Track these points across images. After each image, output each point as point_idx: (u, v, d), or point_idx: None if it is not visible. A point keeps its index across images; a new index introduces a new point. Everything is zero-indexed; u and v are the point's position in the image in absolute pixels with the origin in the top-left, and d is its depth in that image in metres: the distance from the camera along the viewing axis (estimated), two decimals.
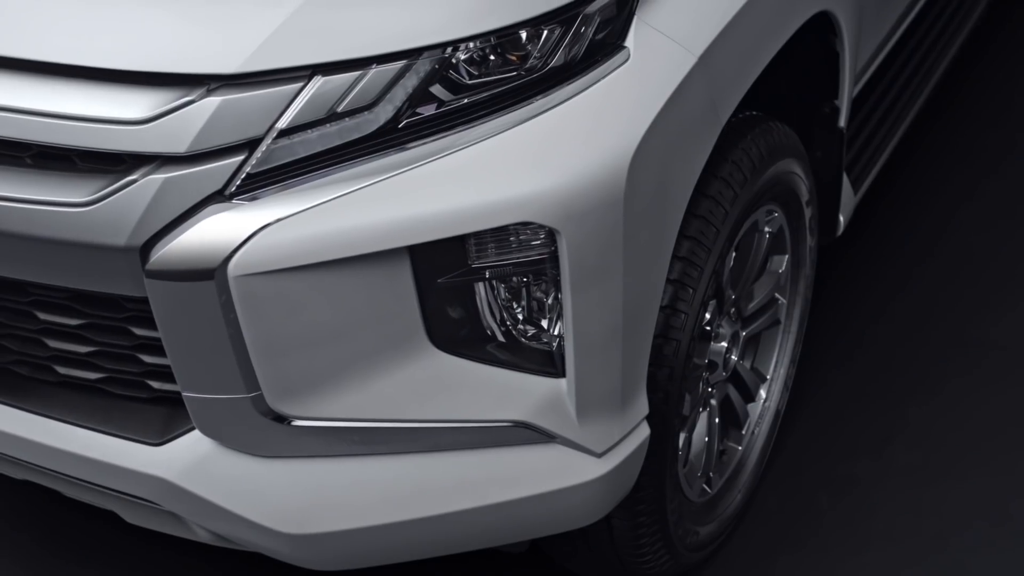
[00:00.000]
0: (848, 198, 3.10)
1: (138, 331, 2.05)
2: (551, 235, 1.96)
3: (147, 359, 2.08)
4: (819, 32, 2.67)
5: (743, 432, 2.83)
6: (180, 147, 1.88)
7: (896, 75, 3.50)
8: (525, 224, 1.94)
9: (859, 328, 3.38)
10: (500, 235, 1.96)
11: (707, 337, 2.54)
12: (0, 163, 1.99)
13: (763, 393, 2.87)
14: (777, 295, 2.82)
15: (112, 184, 1.90)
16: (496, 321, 2.06)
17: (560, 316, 2.05)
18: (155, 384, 2.11)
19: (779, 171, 2.55)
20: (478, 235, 1.95)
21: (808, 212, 2.77)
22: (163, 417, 2.11)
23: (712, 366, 2.63)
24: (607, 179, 1.96)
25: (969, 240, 3.68)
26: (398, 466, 2.09)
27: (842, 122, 2.87)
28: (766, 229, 2.65)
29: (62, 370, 2.17)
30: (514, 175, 1.93)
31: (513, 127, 1.95)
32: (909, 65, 3.56)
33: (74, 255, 1.96)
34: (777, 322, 2.87)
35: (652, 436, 2.27)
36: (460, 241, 1.95)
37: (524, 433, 2.09)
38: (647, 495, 2.39)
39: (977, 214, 3.78)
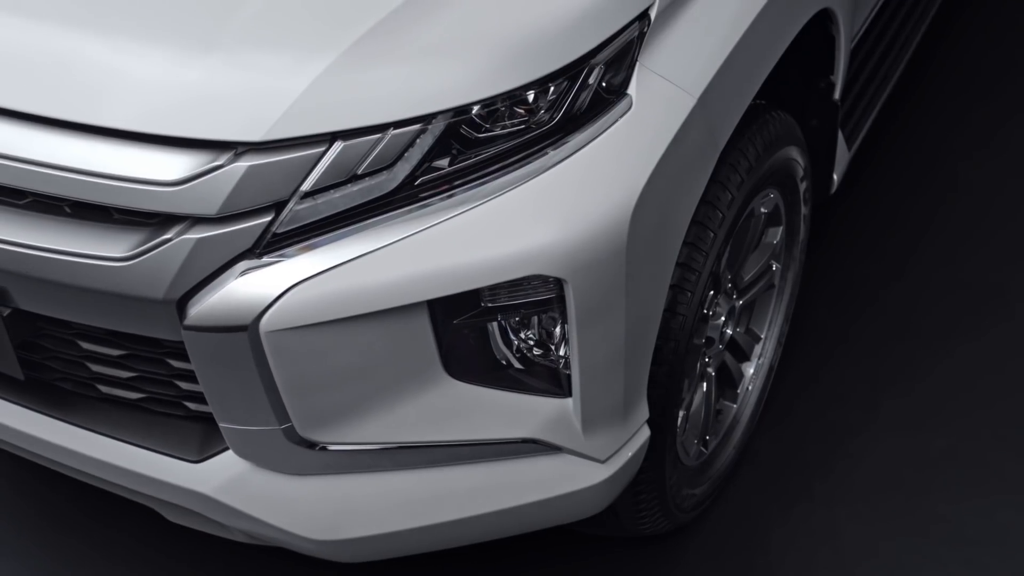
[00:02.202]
0: (842, 153, 3.21)
1: (175, 363, 2.21)
2: (559, 282, 2.10)
3: (184, 385, 2.24)
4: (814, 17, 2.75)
5: (738, 391, 3.00)
6: (211, 209, 2.00)
7: (888, 23, 3.57)
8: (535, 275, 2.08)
9: (853, 272, 3.52)
10: (511, 282, 2.10)
11: (705, 319, 2.69)
12: (42, 211, 2.12)
13: (757, 352, 3.03)
14: (772, 262, 2.95)
15: (148, 241, 2.03)
16: (506, 350, 2.21)
17: (566, 342, 2.20)
18: (191, 405, 2.27)
19: (776, 161, 2.65)
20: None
21: (803, 186, 2.88)
22: (200, 434, 2.28)
23: (709, 342, 2.78)
24: (611, 230, 2.08)
25: (967, 178, 3.79)
26: (417, 478, 2.27)
27: (837, 95, 2.97)
28: (762, 210, 2.77)
29: (104, 389, 2.34)
30: (524, 231, 2.05)
31: (522, 182, 2.07)
32: (900, 12, 3.62)
33: (113, 302, 2.10)
34: (772, 286, 3.01)
35: (652, 431, 2.44)
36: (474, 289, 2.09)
37: (533, 447, 2.26)
38: (648, 476, 2.57)
39: (975, 154, 3.88)
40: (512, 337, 2.21)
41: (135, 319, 2.13)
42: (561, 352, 2.22)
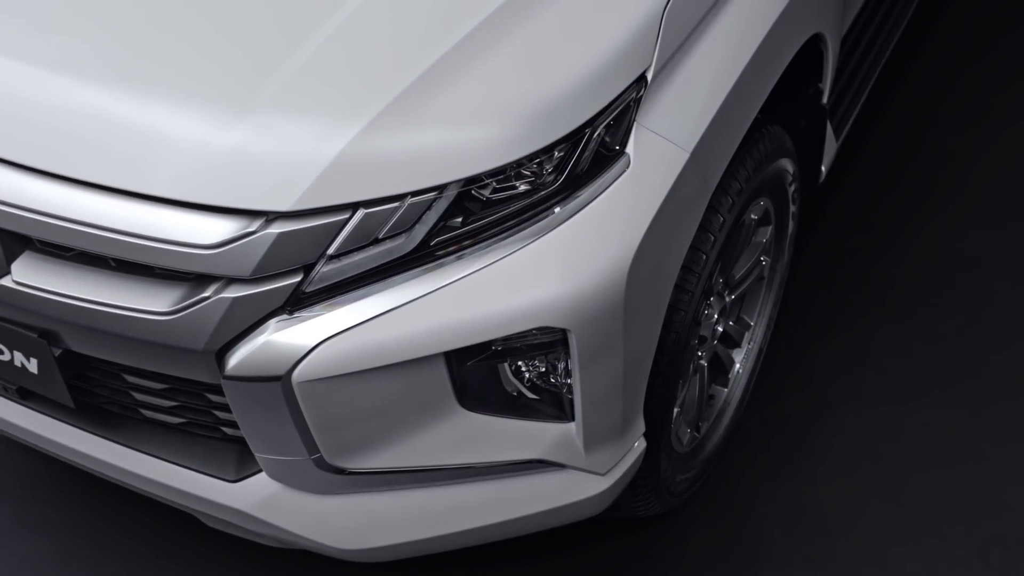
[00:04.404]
0: (830, 143, 3.37)
1: (213, 398, 2.42)
2: (563, 330, 2.30)
3: (221, 415, 2.45)
4: None
5: (729, 376, 3.20)
6: (245, 271, 2.19)
7: (875, 10, 3.69)
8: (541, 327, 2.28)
9: (840, 251, 3.70)
10: (520, 333, 2.30)
11: (698, 323, 2.88)
12: (87, 263, 2.31)
13: (748, 338, 3.23)
14: (762, 257, 3.13)
15: (188, 298, 2.23)
16: (516, 381, 2.42)
17: (568, 375, 2.41)
18: (228, 431, 2.49)
19: (767, 175, 2.82)
20: None
21: (792, 188, 3.06)
22: (236, 455, 2.50)
23: (702, 340, 2.98)
24: (610, 284, 2.27)
25: (953, 155, 3.93)
26: (434, 494, 2.49)
27: (825, 99, 3.12)
28: (752, 217, 2.94)
29: (147, 414, 2.55)
30: (531, 287, 2.24)
31: (529, 241, 2.25)
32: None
33: (156, 349, 2.30)
34: (762, 278, 3.19)
35: (649, 436, 2.65)
36: None
37: (540, 465, 2.48)
38: (643, 472, 2.79)
39: (962, 131, 4.02)
40: (520, 373, 2.41)
41: (177, 364, 2.33)
42: (565, 380, 2.43)
